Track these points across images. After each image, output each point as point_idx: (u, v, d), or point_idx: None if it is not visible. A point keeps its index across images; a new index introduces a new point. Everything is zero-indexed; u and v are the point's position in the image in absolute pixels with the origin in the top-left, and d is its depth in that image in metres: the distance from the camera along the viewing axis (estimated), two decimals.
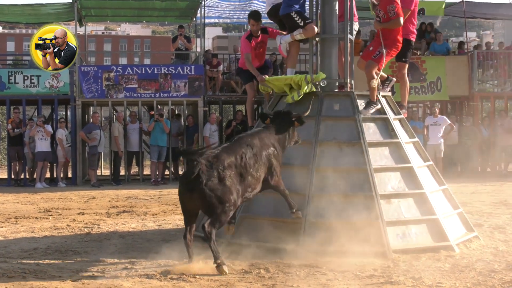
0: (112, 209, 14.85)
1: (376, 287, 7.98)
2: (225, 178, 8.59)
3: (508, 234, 11.35)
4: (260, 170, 9.09)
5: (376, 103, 10.54)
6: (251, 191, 9.06)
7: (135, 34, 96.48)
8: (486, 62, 24.18)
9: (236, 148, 8.97)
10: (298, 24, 10.83)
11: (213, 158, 8.63)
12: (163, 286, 7.94)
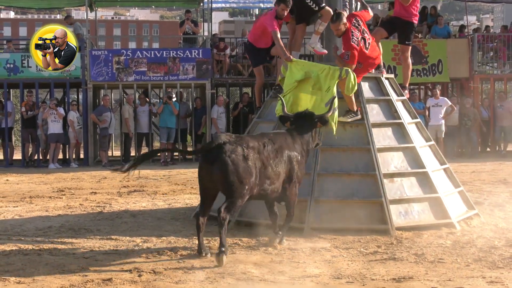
0: (123, 189, 14.88)
1: (380, 263, 8.00)
2: (248, 156, 8.16)
3: (508, 211, 11.35)
4: (280, 167, 8.62)
5: (356, 113, 10.17)
6: (269, 185, 8.56)
7: (144, 19, 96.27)
8: (486, 45, 24.09)
9: (259, 137, 8.68)
10: (311, 8, 10.56)
11: (237, 137, 8.35)
12: (172, 263, 7.96)
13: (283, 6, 10.62)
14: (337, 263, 7.98)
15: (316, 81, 9.77)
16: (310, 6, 10.55)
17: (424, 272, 7.56)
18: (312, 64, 10.34)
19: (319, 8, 10.57)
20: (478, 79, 23.30)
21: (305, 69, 9.96)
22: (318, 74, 9.78)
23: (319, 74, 9.78)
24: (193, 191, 14.28)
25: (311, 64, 10.26)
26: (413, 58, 21.80)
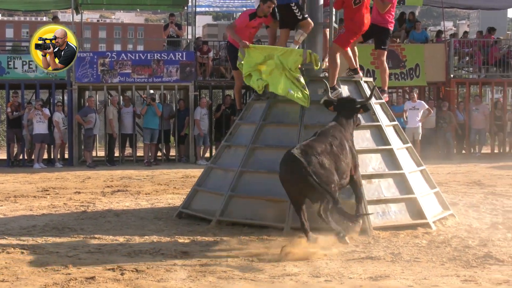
0: (107, 189, 14.82)
1: (358, 262, 8.01)
2: (324, 162, 8.51)
3: (482, 212, 11.41)
4: (348, 159, 8.94)
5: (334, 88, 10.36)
6: (345, 178, 8.91)
7: (129, 22, 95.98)
8: (462, 50, 24.23)
9: (323, 139, 8.86)
10: (296, 17, 10.50)
11: (305, 147, 8.63)
12: (155, 261, 7.94)
13: (269, 3, 10.63)
14: (315, 262, 7.99)
15: (278, 63, 10.12)
16: (296, 14, 10.51)
17: (400, 271, 7.58)
18: (272, 47, 10.57)
19: (303, 18, 10.54)
20: (454, 83, 23.41)
21: (265, 53, 10.29)
22: (278, 56, 10.14)
23: (280, 55, 10.14)
24: (176, 191, 14.27)
25: (271, 48, 10.52)
26: (392, 62, 22.04)
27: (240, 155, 10.49)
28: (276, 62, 10.17)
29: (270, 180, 9.94)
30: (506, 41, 27.49)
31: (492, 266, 7.79)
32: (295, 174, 8.42)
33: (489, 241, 9.05)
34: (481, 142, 23.49)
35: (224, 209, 10.10)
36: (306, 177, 8.32)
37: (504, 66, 24.04)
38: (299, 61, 10.19)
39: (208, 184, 10.94)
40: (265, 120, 10.58)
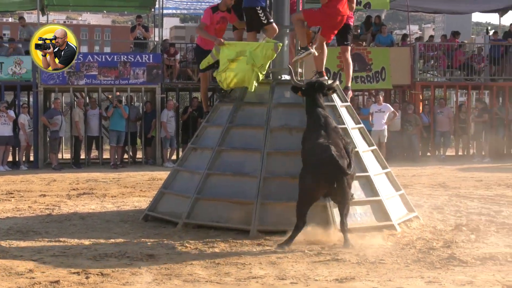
0: (73, 191, 14.70)
1: (323, 264, 8.03)
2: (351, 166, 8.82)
3: (446, 214, 11.50)
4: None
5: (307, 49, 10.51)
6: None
7: (95, 23, 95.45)
8: (427, 53, 24.43)
9: (335, 134, 9.16)
10: (261, 21, 10.48)
11: (337, 148, 8.84)
12: (120, 265, 7.89)
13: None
14: (281, 264, 7.99)
15: (249, 58, 10.15)
16: (261, 18, 10.51)
17: (365, 273, 7.60)
18: (244, 43, 10.62)
19: (268, 23, 10.54)
20: (419, 86, 23.58)
21: (237, 49, 10.33)
22: (251, 51, 10.17)
23: (252, 51, 10.17)
24: (142, 194, 14.20)
25: (244, 44, 10.57)
26: (358, 65, 22.19)
27: (207, 158, 10.47)
28: (247, 58, 10.20)
29: (236, 182, 9.98)
30: (470, 45, 27.76)
31: (456, 267, 7.85)
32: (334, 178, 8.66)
33: (453, 243, 9.12)
34: (445, 144, 23.70)
35: (190, 211, 10.07)
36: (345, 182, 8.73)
37: (468, 69, 24.30)
38: (271, 56, 10.22)
39: (174, 187, 10.90)
40: (232, 123, 10.57)
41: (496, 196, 13.83)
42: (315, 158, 8.83)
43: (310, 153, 9.01)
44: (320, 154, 8.79)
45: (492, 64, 24.42)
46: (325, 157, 8.69)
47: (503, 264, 7.99)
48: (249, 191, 9.80)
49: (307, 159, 9.03)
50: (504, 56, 24.37)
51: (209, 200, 10.10)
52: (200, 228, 9.88)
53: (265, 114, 10.34)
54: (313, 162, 8.84)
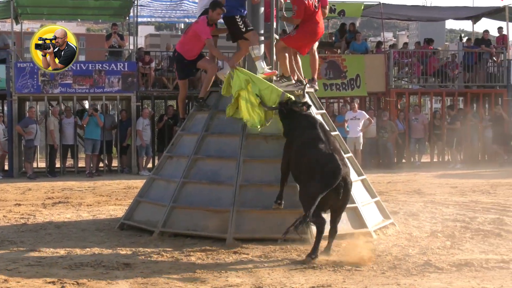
0: (48, 200, 14.60)
1: (300, 272, 8.03)
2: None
3: (421, 220, 11.54)
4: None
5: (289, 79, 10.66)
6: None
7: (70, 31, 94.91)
8: (401, 61, 24.57)
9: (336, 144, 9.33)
10: (240, 29, 10.52)
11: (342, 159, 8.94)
12: (96, 274, 7.84)
13: (219, 10, 10.56)
14: (258, 272, 7.99)
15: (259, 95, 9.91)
16: (239, 26, 10.54)
17: (342, 280, 7.62)
18: (258, 78, 10.24)
19: (246, 30, 10.55)
20: (394, 93, 23.70)
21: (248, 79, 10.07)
22: (261, 90, 9.91)
23: (262, 90, 9.91)
24: (118, 203, 14.14)
25: (257, 78, 10.21)
26: (333, 72, 22.29)
27: (182, 166, 10.45)
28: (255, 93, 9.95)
29: (212, 190, 9.98)
30: (444, 52, 27.95)
31: (431, 274, 7.89)
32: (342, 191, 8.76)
33: (429, 249, 9.17)
34: (420, 151, 23.83)
35: (166, 220, 10.04)
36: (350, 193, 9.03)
37: (443, 76, 24.47)
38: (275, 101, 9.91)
39: (150, 195, 10.87)
40: (207, 131, 10.56)
41: (471, 202, 13.91)
42: (321, 169, 8.72)
43: (314, 161, 8.86)
44: (326, 164, 8.74)
45: (466, 71, 24.61)
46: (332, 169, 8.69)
47: (478, 271, 8.04)
48: (225, 199, 9.80)
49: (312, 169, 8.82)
50: (478, 63, 24.57)
51: (185, 208, 10.08)
52: (176, 236, 9.86)
53: (241, 121, 10.34)
54: (320, 173, 8.70)
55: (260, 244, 9.31)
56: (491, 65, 25.23)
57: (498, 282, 7.48)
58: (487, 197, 14.96)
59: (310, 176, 8.78)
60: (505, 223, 11.26)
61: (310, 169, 8.85)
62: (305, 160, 8.98)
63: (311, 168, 8.84)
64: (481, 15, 27.18)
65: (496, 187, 16.75)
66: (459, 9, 27.96)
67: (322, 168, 8.70)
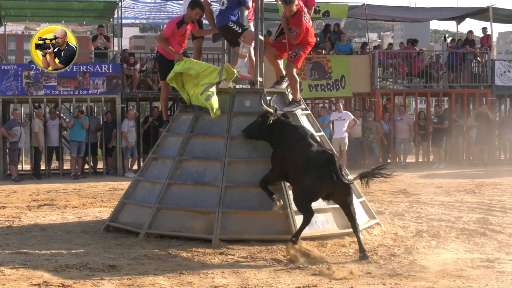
0: (33, 203, 14.55)
1: (286, 272, 8.05)
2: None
3: (407, 220, 11.59)
4: None
5: (299, 103, 10.72)
6: None
7: None
8: (386, 61, 24.63)
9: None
10: (236, 32, 10.57)
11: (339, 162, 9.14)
12: (82, 276, 7.82)
13: (198, 10, 10.66)
14: (244, 273, 8.00)
15: (196, 77, 10.36)
16: (235, 30, 10.59)
17: (327, 280, 7.64)
18: (196, 62, 10.70)
19: (242, 31, 10.61)
20: (379, 94, 23.76)
21: (187, 65, 10.48)
22: (199, 72, 10.35)
23: (200, 72, 10.34)
24: (103, 204, 14.11)
25: (195, 62, 10.66)
26: (317, 73, 22.31)
27: (168, 167, 10.45)
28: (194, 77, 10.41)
29: (197, 191, 9.98)
30: (428, 52, 28.05)
31: (417, 273, 7.92)
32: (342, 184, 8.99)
33: (414, 249, 9.21)
34: (405, 151, 23.89)
35: (152, 221, 10.03)
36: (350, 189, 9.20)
37: (427, 76, 24.56)
38: (215, 78, 10.33)
39: (135, 197, 10.85)
40: (192, 132, 10.56)
41: (456, 202, 13.98)
42: (315, 161, 9.04)
43: (307, 158, 9.15)
44: (320, 156, 9.09)
45: (450, 71, 24.72)
46: (326, 157, 9.02)
47: (463, 270, 8.08)
48: (211, 200, 9.80)
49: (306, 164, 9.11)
50: (462, 63, 24.68)
51: (171, 209, 10.07)
52: (162, 238, 9.84)
53: (226, 123, 10.36)
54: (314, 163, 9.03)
55: (246, 245, 9.32)
56: (475, 66, 25.36)
57: (483, 281, 7.52)
58: (472, 196, 15.04)
59: (305, 172, 9.04)
60: (490, 222, 11.33)
61: (304, 167, 9.10)
62: (300, 162, 9.22)
63: (305, 166, 9.09)
64: (465, 15, 27.29)
65: (481, 187, 16.84)
66: (443, 9, 28.08)
67: (317, 160, 9.02)
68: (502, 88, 24.79)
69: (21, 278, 7.74)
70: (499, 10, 26.31)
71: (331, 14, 23.91)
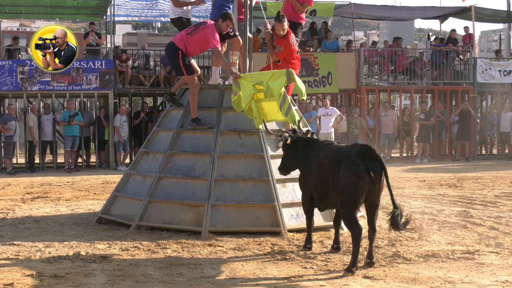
0: (27, 195, 14.51)
1: (273, 263, 8.05)
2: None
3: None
4: None
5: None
6: None
7: None
8: (371, 59, 24.66)
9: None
10: (228, 33, 10.51)
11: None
12: (74, 267, 7.80)
13: (229, 22, 10.40)
14: (232, 264, 8.00)
15: (266, 88, 9.52)
16: (229, 32, 10.61)
17: (313, 272, 7.65)
18: (259, 73, 10.13)
19: (234, 35, 10.64)
20: (364, 90, 23.80)
21: (253, 81, 9.71)
22: (266, 81, 9.58)
23: (267, 81, 9.57)
24: (96, 197, 14.08)
25: (258, 74, 10.06)
26: (305, 70, 22.29)
27: (158, 161, 10.44)
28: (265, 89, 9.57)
29: (187, 185, 9.97)
30: (412, 50, 28.10)
31: (400, 265, 7.94)
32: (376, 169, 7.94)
33: (397, 241, 9.23)
34: (390, 146, 23.93)
35: (143, 214, 10.02)
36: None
37: (411, 74, 24.61)
38: (284, 82, 9.63)
39: (127, 190, 10.83)
40: (183, 127, 10.55)
41: (438, 196, 14.02)
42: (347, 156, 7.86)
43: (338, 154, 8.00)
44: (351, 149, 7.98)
45: (434, 69, 24.78)
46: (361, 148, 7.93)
47: (444, 261, 8.11)
48: (200, 194, 9.79)
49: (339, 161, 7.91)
50: (445, 61, 24.74)
51: (161, 202, 10.06)
52: (153, 230, 9.84)
53: (215, 118, 10.35)
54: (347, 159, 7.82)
55: (234, 237, 9.32)
56: (458, 63, 25.42)
57: (463, 272, 7.54)
58: (454, 190, 15.08)
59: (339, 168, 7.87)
60: (470, 215, 11.36)
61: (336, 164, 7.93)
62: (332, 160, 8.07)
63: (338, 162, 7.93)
64: (448, 14, 27.38)
65: (462, 181, 16.89)
66: (427, 9, 28.13)
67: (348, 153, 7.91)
68: (483, 85, 24.92)
69: (14, 269, 7.71)
70: (481, 10, 26.42)
71: (318, 12, 23.93)
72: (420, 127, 23.76)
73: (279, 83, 9.56)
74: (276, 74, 9.66)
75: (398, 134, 24.03)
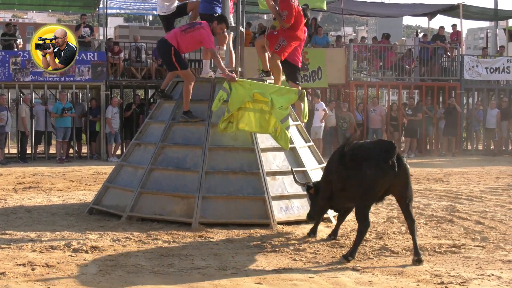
0: (19, 185, 14.44)
1: (262, 255, 8.04)
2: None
3: (378, 207, 11.56)
4: None
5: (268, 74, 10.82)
6: None
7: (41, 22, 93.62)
8: (360, 54, 24.67)
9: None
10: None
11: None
12: (66, 257, 7.78)
13: (223, 26, 10.37)
14: (222, 255, 7.99)
15: (271, 101, 9.48)
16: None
17: (302, 263, 7.65)
18: (262, 84, 10.05)
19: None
20: (353, 85, 23.81)
21: (254, 89, 9.65)
22: (270, 94, 9.55)
23: (271, 94, 9.55)
24: (87, 188, 14.03)
25: (261, 84, 9.97)
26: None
27: (150, 153, 10.41)
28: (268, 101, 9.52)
29: (178, 177, 9.95)
30: (401, 46, 28.13)
31: (387, 258, 7.96)
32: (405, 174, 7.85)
33: (385, 235, 9.24)
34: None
35: (134, 205, 9.99)
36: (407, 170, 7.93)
37: (399, 70, 24.64)
38: (294, 99, 9.68)
39: (118, 181, 10.80)
40: (174, 119, 10.52)
41: (425, 190, 14.05)
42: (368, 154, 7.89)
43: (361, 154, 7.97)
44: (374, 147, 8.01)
45: (422, 65, 24.81)
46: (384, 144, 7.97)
47: (431, 255, 8.13)
48: (191, 185, 9.78)
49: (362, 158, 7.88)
50: (433, 57, 24.78)
51: (152, 194, 10.04)
52: (144, 221, 9.82)
53: (206, 110, 10.33)
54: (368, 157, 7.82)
55: (224, 229, 9.31)
56: (446, 60, 25.46)
57: (450, 266, 7.57)
58: (440, 185, 15.12)
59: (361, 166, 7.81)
60: (457, 209, 11.40)
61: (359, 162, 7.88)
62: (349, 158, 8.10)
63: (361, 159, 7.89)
64: (437, 12, 27.42)
65: (449, 176, 16.94)
66: (416, 6, 28.19)
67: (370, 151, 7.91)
68: (470, 82, 25.01)
69: (6, 258, 7.68)
70: (468, 7, 26.49)
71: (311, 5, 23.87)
72: (407, 122, 23.78)
73: (286, 99, 9.58)
74: (284, 90, 9.73)
75: (386, 129, 24.05)
